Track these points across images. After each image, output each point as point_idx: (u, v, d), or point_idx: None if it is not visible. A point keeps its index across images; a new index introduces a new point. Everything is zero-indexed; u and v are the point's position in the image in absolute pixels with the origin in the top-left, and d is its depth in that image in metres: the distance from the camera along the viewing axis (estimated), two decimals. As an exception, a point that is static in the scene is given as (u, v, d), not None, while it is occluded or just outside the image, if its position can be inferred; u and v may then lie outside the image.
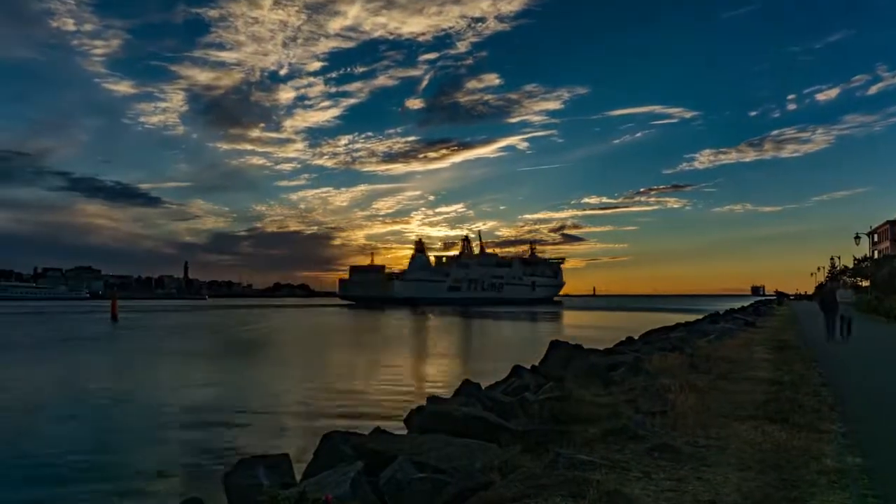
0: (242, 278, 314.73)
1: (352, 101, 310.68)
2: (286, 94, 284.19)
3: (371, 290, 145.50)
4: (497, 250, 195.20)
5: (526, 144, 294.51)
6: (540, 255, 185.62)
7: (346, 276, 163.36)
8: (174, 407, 16.72)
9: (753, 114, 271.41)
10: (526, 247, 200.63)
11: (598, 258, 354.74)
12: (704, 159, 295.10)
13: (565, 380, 12.15)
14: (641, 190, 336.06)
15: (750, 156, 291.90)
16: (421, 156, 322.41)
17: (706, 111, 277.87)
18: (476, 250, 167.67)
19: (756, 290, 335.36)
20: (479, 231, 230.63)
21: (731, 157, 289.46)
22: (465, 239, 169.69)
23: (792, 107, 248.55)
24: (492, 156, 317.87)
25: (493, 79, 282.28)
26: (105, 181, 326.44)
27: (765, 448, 6.55)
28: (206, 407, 16.74)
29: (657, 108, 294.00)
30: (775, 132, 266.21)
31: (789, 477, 5.49)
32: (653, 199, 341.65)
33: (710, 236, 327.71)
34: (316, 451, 7.56)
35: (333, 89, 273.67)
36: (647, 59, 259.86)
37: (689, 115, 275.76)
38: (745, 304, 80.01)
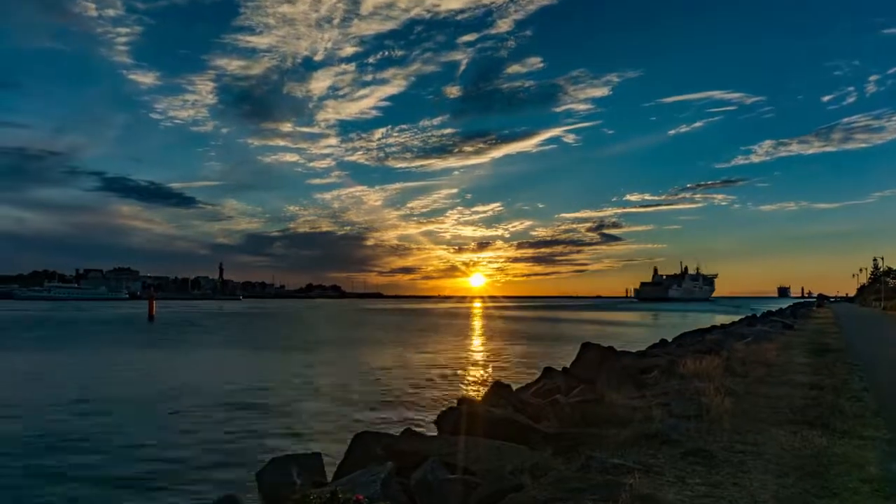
0: (275, 279, 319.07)
1: (386, 89, 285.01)
2: (319, 84, 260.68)
3: (656, 293, 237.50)
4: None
5: (568, 137, 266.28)
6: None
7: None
8: (219, 400, 17.06)
9: (827, 98, 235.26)
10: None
11: (634, 259, 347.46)
12: (762, 151, 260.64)
13: (597, 382, 12.04)
14: (688, 186, 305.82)
15: (813, 147, 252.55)
16: (457, 150, 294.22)
17: (771, 96, 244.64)
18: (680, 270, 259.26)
19: (783, 291, 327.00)
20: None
21: (793, 148, 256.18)
22: (684, 268, 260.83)
23: (871, 89, 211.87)
24: (532, 150, 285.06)
25: (536, 62, 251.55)
26: (138, 181, 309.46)
27: (804, 454, 6.38)
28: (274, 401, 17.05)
29: (716, 94, 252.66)
30: (847, 119, 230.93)
31: (830, 484, 5.34)
32: (699, 195, 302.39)
33: (755, 235, 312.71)
34: (347, 450, 7.63)
35: (368, 76, 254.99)
36: (707, 37, 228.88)
37: (751, 100, 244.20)
38: (781, 306, 78.09)
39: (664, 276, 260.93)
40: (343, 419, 15.32)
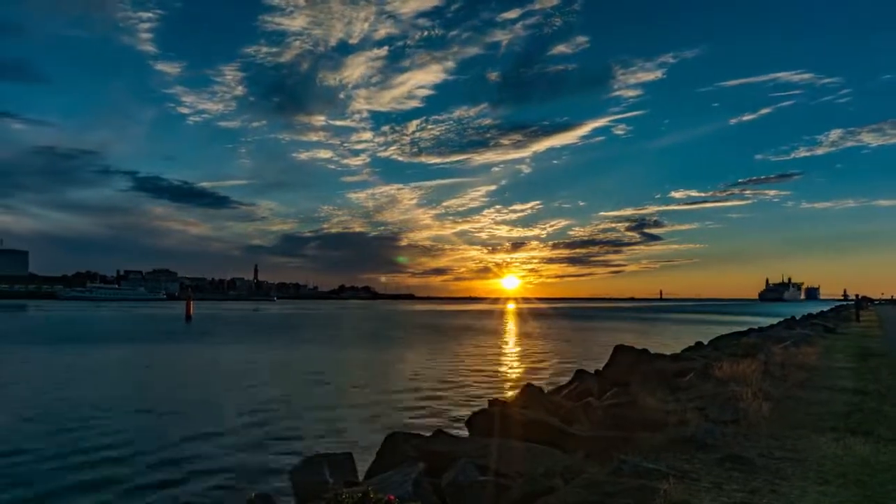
0: (308, 280, 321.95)
1: (422, 76, 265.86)
2: (353, 72, 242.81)
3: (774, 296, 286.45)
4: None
5: (615, 128, 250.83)
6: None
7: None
8: (254, 398, 17.35)
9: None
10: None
11: (673, 260, 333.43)
12: (828, 142, 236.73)
13: (630, 385, 11.88)
14: (740, 181, 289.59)
15: (886, 136, 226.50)
16: (495, 143, 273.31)
17: (848, 77, 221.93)
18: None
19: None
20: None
21: (862, 138, 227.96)
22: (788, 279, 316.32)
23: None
24: (575, 143, 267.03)
25: (582, 42, 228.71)
26: (170, 180, 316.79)
27: (846, 462, 6.18)
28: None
29: (782, 76, 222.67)
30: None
31: (874, 493, 5.17)
32: (749, 191, 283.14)
33: (803, 234, 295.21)
34: (379, 450, 7.67)
35: (405, 62, 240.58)
36: (775, 11, 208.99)
37: (823, 82, 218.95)
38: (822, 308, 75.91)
39: (774, 285, 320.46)
40: (374, 419, 15.42)
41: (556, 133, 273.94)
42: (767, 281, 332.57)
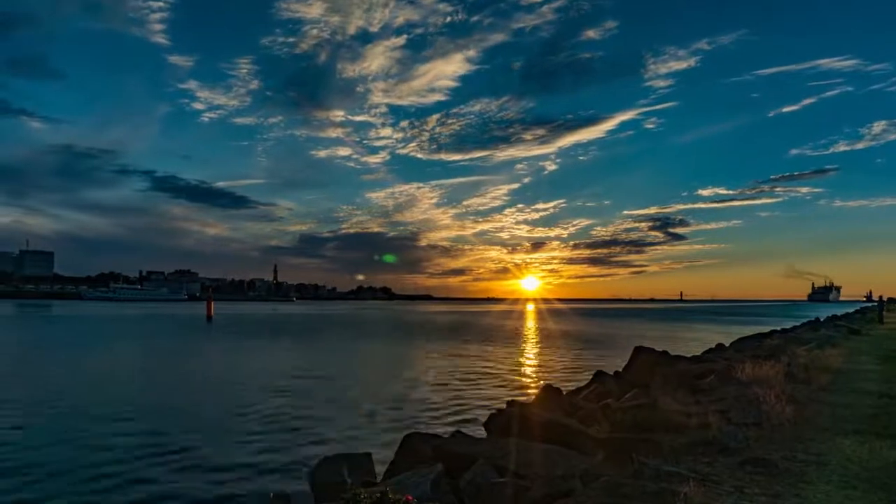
0: (327, 280, 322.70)
1: (444, 66, 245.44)
2: (373, 63, 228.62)
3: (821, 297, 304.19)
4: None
5: (642, 121, 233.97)
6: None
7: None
8: (276, 397, 17.50)
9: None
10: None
11: (697, 260, 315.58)
12: (871, 135, 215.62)
13: (650, 387, 11.78)
14: (771, 178, 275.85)
15: None
16: (518, 139, 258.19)
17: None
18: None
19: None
20: None
21: None
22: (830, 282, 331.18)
23: None
24: (601, 137, 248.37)
25: (611, 27, 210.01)
26: (188, 180, 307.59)
27: (872, 466, 6.06)
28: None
29: (823, 63, 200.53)
30: None
31: (901, 498, 5.06)
32: (780, 188, 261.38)
33: (832, 233, 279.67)
34: (397, 451, 7.69)
35: (427, 51, 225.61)
36: None
37: (870, 69, 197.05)
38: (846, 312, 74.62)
39: (820, 288, 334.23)
40: (392, 419, 15.46)
41: (581, 127, 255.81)
42: (813, 285, 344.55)
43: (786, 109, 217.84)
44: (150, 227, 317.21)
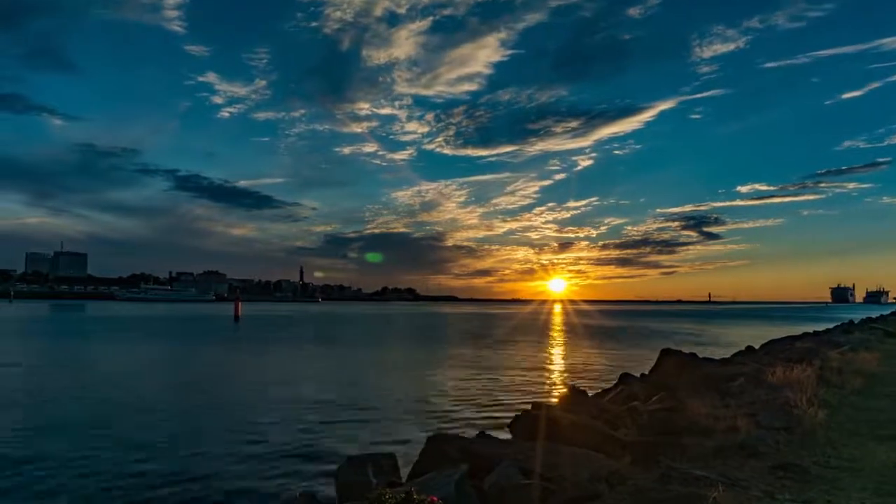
0: (352, 281, 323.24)
1: (472, 50, 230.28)
2: (399, 49, 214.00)
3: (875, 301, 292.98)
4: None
5: (684, 111, 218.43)
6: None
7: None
8: (302, 397, 17.68)
9: None
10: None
11: (731, 261, 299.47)
12: None
13: (677, 390, 11.62)
14: (817, 172, 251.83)
15: None
16: (549, 132, 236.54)
17: None
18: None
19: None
20: None
21: None
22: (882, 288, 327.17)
23: None
24: (639, 128, 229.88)
25: (654, 2, 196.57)
26: (211, 179, 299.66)
27: (908, 473, 5.91)
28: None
29: (888, 43, 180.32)
30: None
31: (939, 506, 4.92)
32: (825, 183, 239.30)
33: (877, 232, 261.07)
34: (421, 451, 7.70)
35: (456, 35, 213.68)
36: None
37: None
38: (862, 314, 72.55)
39: (871, 292, 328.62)
40: (417, 420, 15.49)
41: (618, 119, 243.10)
42: (867, 290, 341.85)
43: (847, 96, 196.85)
44: (177, 228, 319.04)
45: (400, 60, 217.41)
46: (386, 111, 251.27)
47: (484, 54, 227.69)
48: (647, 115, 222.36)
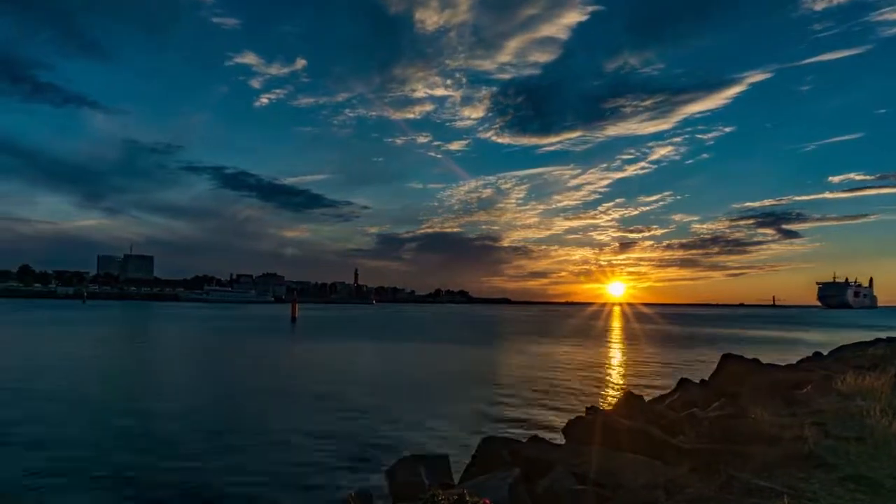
0: (405, 283, 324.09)
1: (534, 19, 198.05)
2: (454, 16, 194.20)
3: None
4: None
5: (784, 82, 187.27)
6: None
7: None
8: (357, 396, 17.97)
9: None
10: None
11: (809, 261, 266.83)
12: None
13: (739, 396, 11.22)
14: None
15: None
16: (624, 112, 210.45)
17: None
18: None
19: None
20: None
21: None
22: None
23: None
24: (725, 104, 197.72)
25: None
26: (258, 176, 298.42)
27: None
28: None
29: None
30: None
31: None
32: None
33: None
34: (474, 453, 7.68)
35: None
36: None
37: None
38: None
39: (829, 284, 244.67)
40: (470, 421, 15.47)
41: (702, 95, 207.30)
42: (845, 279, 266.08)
43: None
44: (230, 229, 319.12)
45: (456, 27, 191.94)
46: (439, 92, 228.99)
47: (551, 26, 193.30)
48: (736, 89, 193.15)
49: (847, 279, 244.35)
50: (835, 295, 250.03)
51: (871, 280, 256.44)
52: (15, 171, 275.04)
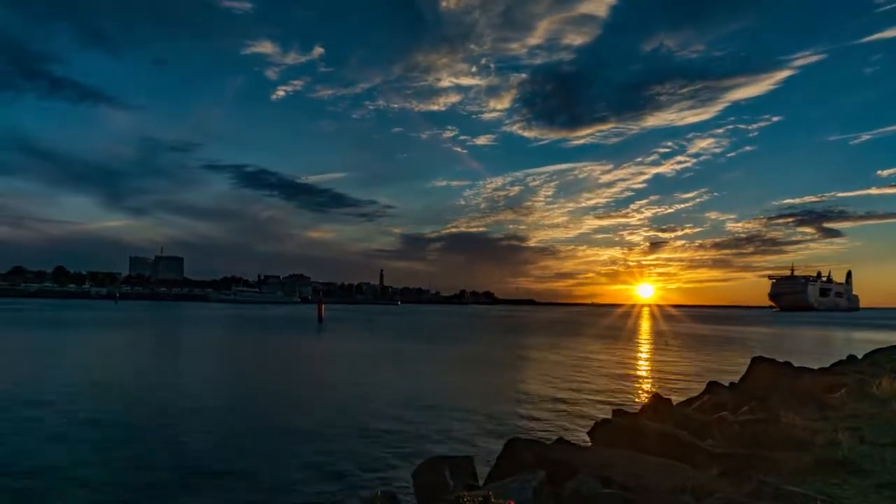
0: (430, 283, 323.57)
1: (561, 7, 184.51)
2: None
3: None
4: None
5: (839, 65, 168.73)
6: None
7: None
8: (381, 396, 18.07)
9: None
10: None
11: (845, 261, 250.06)
12: None
13: (770, 400, 11.01)
14: None
15: None
16: (657, 105, 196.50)
17: None
18: None
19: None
20: None
21: None
22: None
23: None
24: (771, 90, 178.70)
25: None
26: (279, 174, 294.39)
27: None
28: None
29: None
30: None
31: None
32: None
33: None
34: (499, 455, 7.65)
35: None
36: None
37: None
38: None
39: (784, 278, 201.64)
40: (495, 423, 15.43)
41: (745, 81, 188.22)
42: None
43: None
44: (254, 230, 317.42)
45: (483, 8, 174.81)
46: (465, 81, 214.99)
47: (585, 6, 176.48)
48: (783, 74, 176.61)
49: (818, 275, 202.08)
50: (790, 293, 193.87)
51: (848, 274, 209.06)
52: (34, 171, 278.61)
